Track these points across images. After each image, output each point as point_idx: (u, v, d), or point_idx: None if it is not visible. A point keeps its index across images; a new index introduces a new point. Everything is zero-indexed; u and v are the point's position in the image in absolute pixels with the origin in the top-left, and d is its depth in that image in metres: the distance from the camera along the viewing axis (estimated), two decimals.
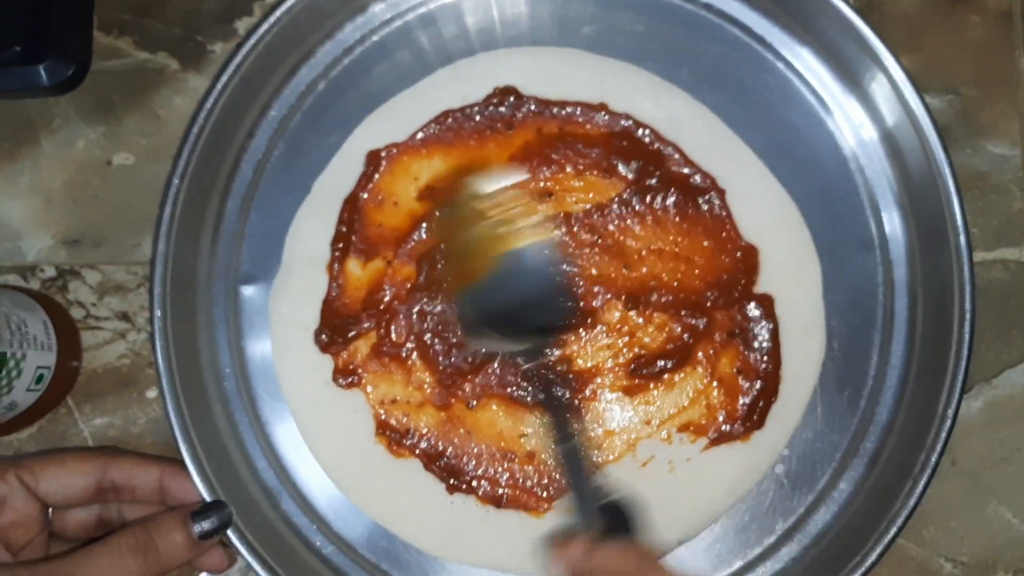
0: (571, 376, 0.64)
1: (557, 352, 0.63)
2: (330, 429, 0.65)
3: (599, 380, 0.65)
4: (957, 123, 0.64)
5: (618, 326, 0.66)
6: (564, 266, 0.64)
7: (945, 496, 0.62)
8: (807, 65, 0.67)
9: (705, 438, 0.65)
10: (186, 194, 0.61)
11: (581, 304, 0.64)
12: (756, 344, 0.65)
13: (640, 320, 0.66)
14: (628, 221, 0.65)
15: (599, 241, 0.66)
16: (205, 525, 0.55)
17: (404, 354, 0.65)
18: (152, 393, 0.65)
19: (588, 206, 0.65)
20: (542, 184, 0.65)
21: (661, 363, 0.65)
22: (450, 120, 0.65)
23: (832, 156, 0.67)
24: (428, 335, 0.65)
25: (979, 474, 0.60)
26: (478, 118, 0.65)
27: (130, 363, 0.64)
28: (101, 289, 0.63)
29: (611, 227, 0.65)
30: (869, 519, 0.61)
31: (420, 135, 0.66)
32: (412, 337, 0.65)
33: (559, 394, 0.62)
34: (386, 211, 0.66)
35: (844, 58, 0.65)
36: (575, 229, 0.66)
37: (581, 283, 0.65)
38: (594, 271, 0.66)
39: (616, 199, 0.65)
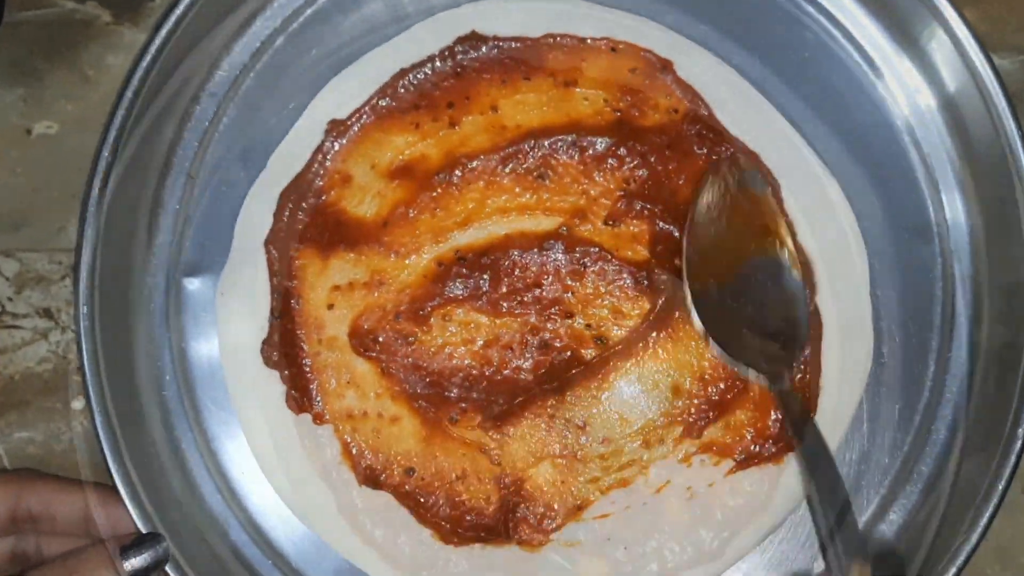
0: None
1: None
2: (287, 448, 0.59)
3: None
4: None
5: None
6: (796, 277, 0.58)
7: (1016, 530, 0.58)
8: (852, 18, 0.61)
9: (730, 460, 0.60)
10: (120, 169, 0.55)
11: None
12: None
13: None
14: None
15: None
16: (137, 562, 0.51)
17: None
18: (79, 404, 0.58)
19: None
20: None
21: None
22: (407, 80, 0.61)
23: (882, 128, 0.62)
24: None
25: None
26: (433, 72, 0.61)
27: (53, 368, 0.58)
28: (19, 281, 0.57)
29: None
30: (925, 556, 0.57)
31: (384, 101, 0.60)
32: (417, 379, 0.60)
33: (808, 429, 0.56)
34: (352, 193, 0.61)
35: (897, 11, 0.59)
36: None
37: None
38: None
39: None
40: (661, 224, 0.60)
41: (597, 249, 0.60)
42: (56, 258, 0.58)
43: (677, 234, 0.60)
